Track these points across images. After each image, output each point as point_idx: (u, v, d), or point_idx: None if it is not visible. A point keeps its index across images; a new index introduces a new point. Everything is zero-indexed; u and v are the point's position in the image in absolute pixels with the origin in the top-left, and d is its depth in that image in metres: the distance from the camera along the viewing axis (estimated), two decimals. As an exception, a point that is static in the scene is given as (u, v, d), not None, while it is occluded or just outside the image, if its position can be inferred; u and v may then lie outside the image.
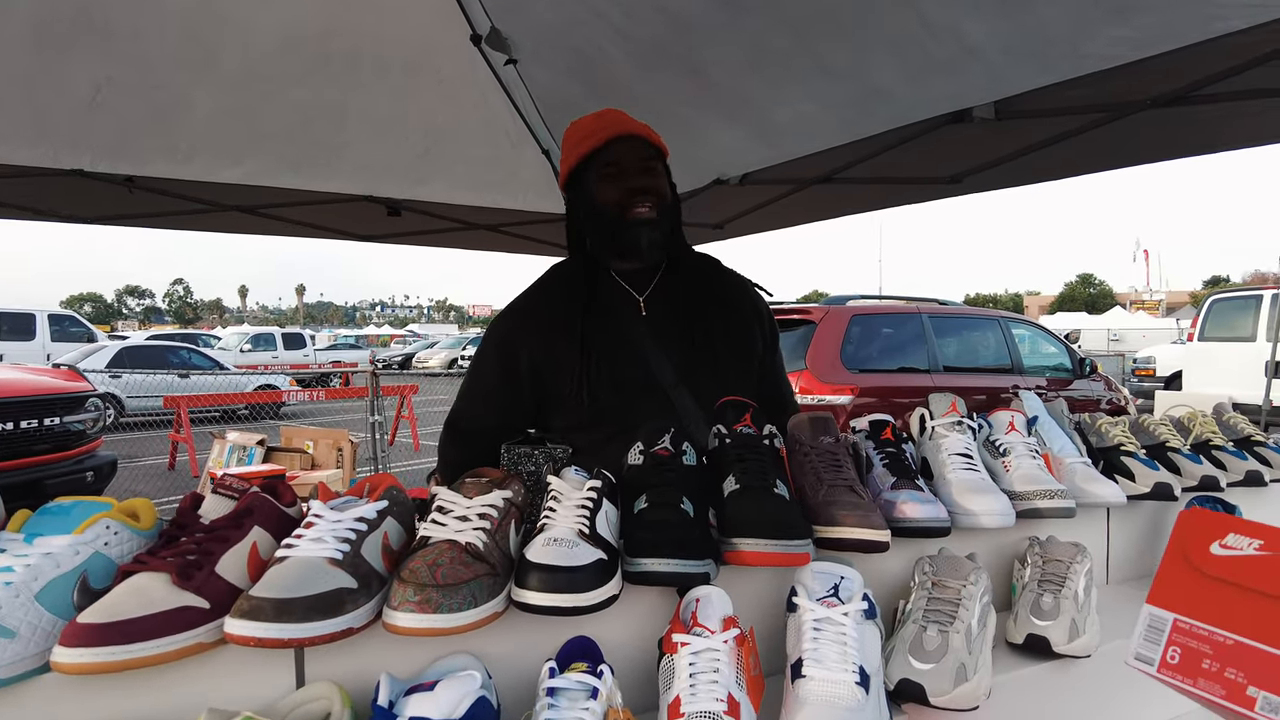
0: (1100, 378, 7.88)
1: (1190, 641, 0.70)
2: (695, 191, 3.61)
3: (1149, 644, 0.74)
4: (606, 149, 1.59)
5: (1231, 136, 2.49)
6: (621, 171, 1.58)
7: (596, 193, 1.60)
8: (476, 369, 1.70)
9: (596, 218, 1.61)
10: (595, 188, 1.60)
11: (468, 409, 1.69)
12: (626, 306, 1.62)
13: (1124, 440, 1.63)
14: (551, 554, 0.91)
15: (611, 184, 1.58)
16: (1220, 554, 0.70)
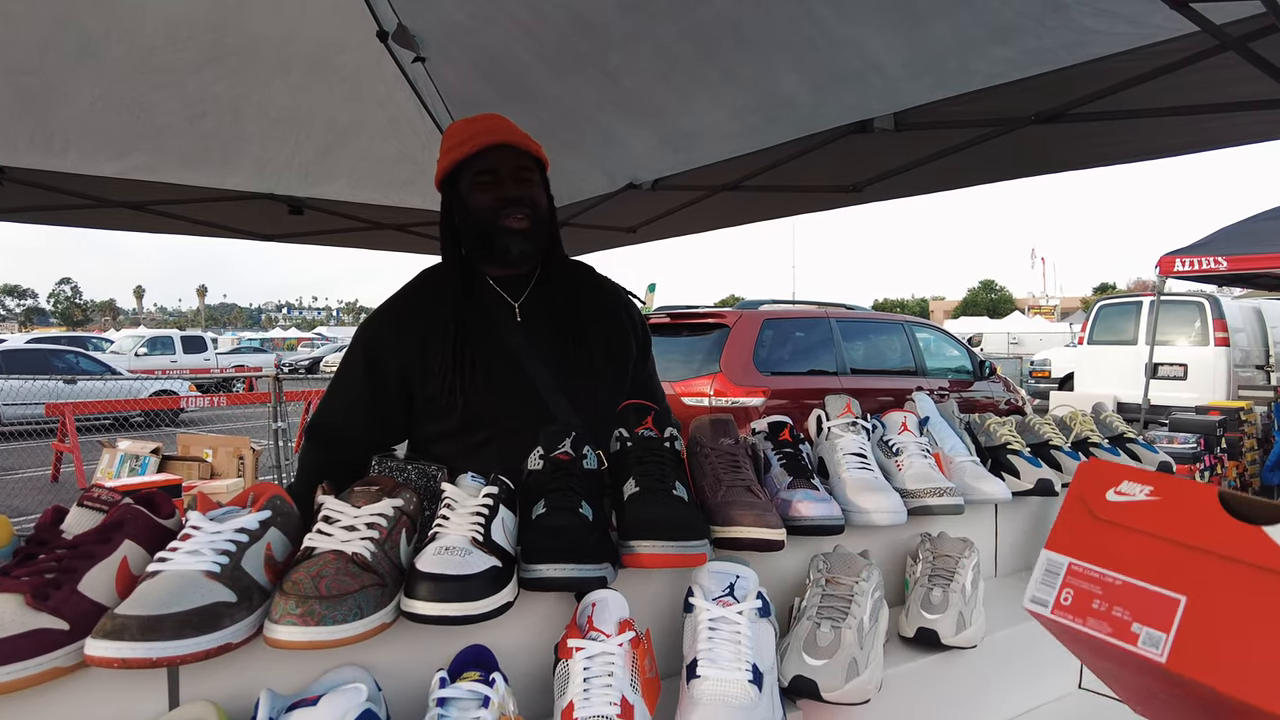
0: (999, 379, 8.27)
1: (1082, 584, 0.74)
2: (609, 195, 3.62)
3: (1045, 587, 0.77)
4: (482, 155, 1.57)
5: (1103, 153, 2.65)
6: (496, 180, 1.56)
7: (470, 199, 1.58)
8: (343, 373, 1.64)
9: (470, 223, 1.59)
10: (469, 194, 1.58)
11: (331, 415, 1.63)
12: (501, 311, 1.61)
13: (1010, 439, 1.72)
14: (442, 563, 0.89)
15: (485, 192, 1.56)
16: (1115, 500, 0.74)
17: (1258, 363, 10.54)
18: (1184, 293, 10.22)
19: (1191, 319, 10.19)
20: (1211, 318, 10.00)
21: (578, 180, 3.52)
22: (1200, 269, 7.25)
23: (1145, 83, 2.12)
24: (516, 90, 3.01)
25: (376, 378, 1.58)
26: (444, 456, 1.51)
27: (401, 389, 1.57)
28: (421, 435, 1.62)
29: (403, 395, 1.58)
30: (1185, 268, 7.28)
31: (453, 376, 1.52)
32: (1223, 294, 10.30)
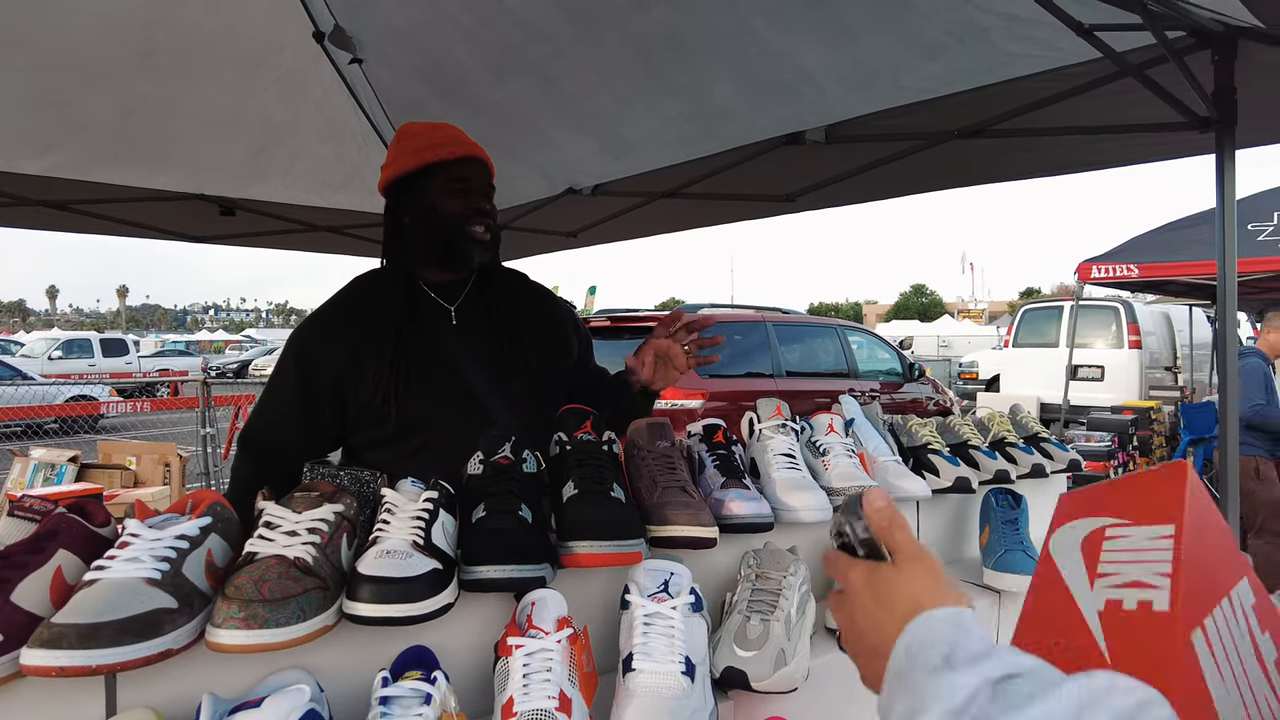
0: (928, 381, 8.56)
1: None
2: (549, 199, 3.64)
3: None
4: (459, 164, 1.62)
5: (1019, 168, 2.80)
6: (469, 190, 1.62)
7: (439, 203, 1.60)
8: (275, 382, 1.64)
9: (431, 227, 1.61)
10: (438, 198, 1.61)
11: (263, 424, 1.63)
12: (436, 316, 1.64)
13: (931, 440, 1.81)
14: (384, 566, 0.92)
15: (459, 199, 1.60)
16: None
17: (1166, 364, 11.14)
18: (1101, 298, 10.73)
19: (1108, 323, 10.71)
20: (1126, 322, 10.53)
21: (517, 184, 3.54)
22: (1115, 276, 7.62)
23: (1057, 103, 2.26)
24: (456, 94, 3.01)
25: (309, 385, 1.58)
26: (379, 463, 1.52)
27: (335, 396, 1.58)
28: (356, 442, 1.63)
29: (336, 403, 1.58)
30: (1101, 274, 7.64)
31: (387, 383, 1.53)
32: (1135, 300, 10.84)
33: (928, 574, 0.63)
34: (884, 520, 0.67)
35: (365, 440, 1.60)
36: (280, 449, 1.58)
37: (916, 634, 0.57)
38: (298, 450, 1.54)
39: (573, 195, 3.56)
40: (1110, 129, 2.33)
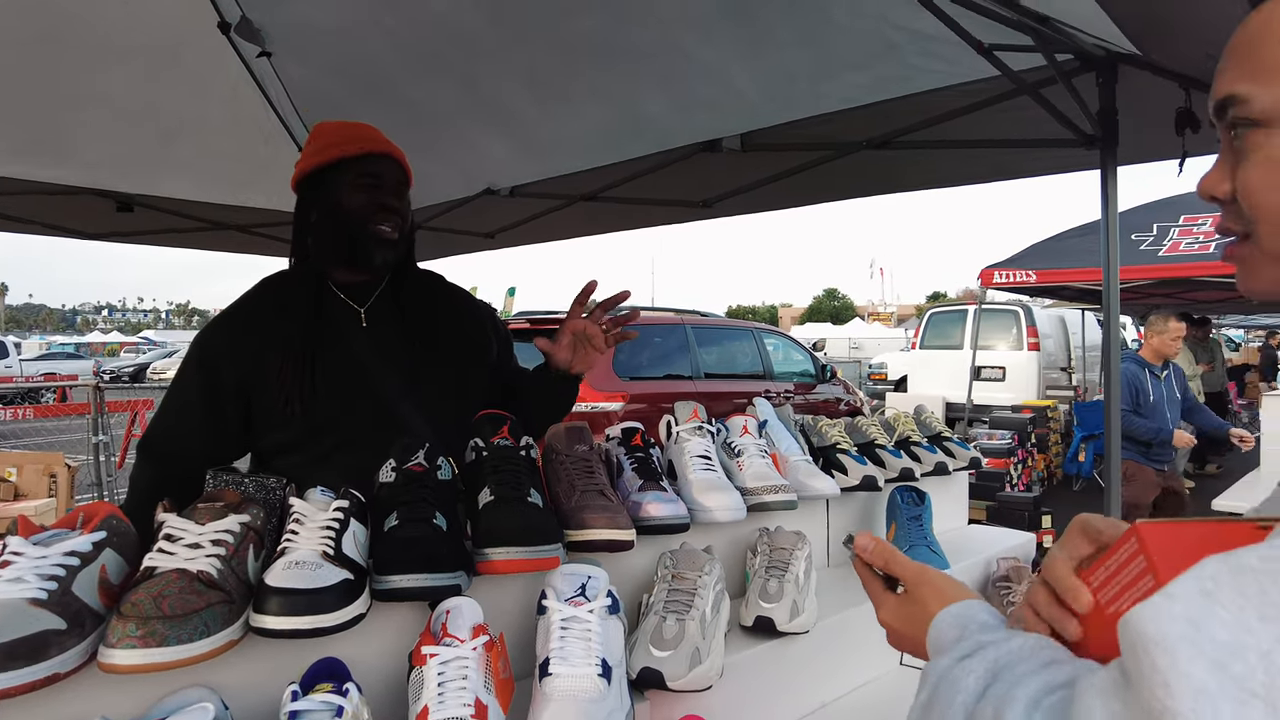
0: (839, 382, 8.82)
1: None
2: (465, 200, 3.60)
3: None
4: (368, 160, 1.59)
5: (924, 178, 2.93)
6: (378, 186, 1.58)
7: (345, 199, 1.57)
8: (177, 386, 1.58)
9: (336, 224, 1.58)
10: (345, 194, 1.57)
11: (164, 430, 1.57)
12: (346, 318, 1.60)
13: (840, 440, 1.87)
14: (292, 577, 0.89)
15: (365, 194, 1.57)
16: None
17: (1062, 365, 11.78)
18: (1002, 302, 11.27)
19: (1009, 326, 11.25)
20: (1025, 325, 11.08)
21: (433, 183, 3.48)
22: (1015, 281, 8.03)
23: (959, 117, 2.37)
24: (371, 91, 2.95)
25: (212, 389, 1.53)
26: (287, 469, 1.48)
27: (239, 400, 1.53)
28: (263, 448, 1.58)
29: (240, 407, 1.53)
30: (1002, 280, 8.03)
31: (293, 384, 1.49)
32: (1034, 304, 11.43)
33: (933, 589, 0.71)
34: (879, 559, 0.75)
35: (272, 445, 1.56)
36: (182, 455, 1.51)
37: (933, 634, 0.67)
38: (201, 456, 1.47)
39: (491, 196, 3.53)
40: (1008, 143, 2.47)
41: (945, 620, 0.67)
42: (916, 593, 0.72)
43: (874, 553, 0.76)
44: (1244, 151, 0.61)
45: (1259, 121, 0.59)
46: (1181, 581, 0.45)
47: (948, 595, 0.70)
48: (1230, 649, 0.41)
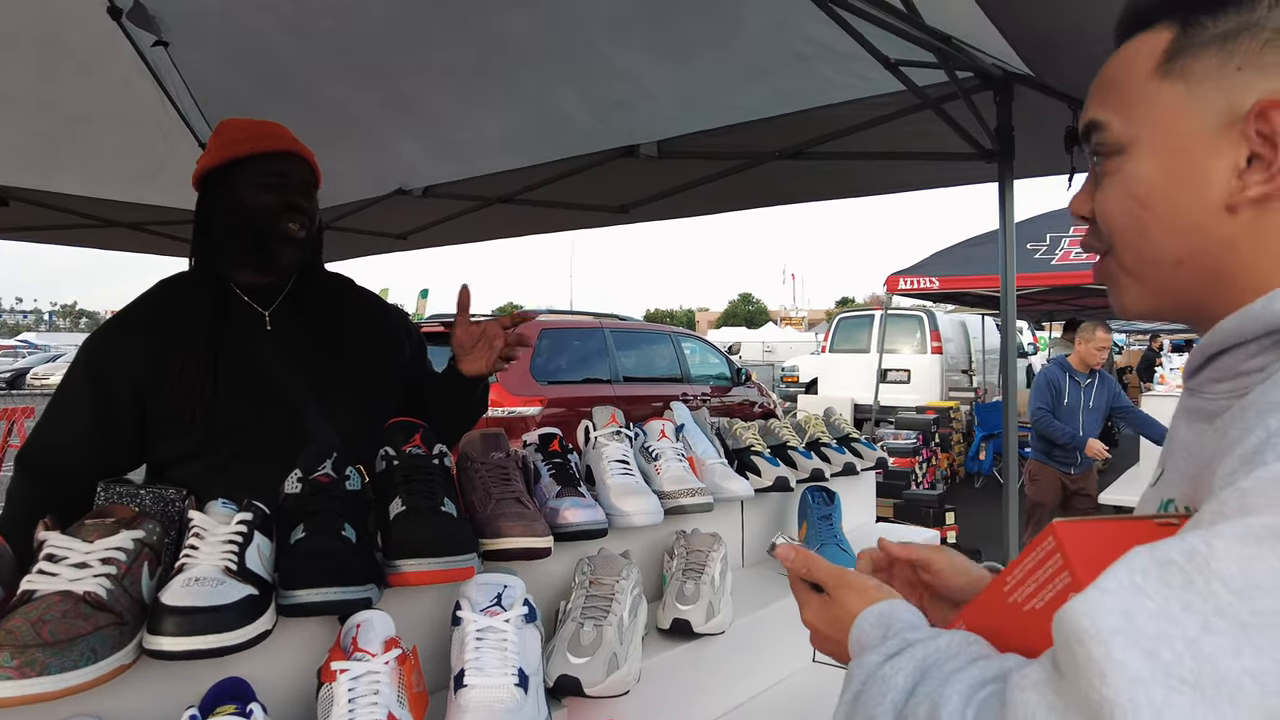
0: (754, 384, 8.99)
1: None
2: (376, 199, 3.51)
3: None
4: (274, 158, 1.53)
5: (835, 188, 3.02)
6: (283, 185, 1.53)
7: (250, 197, 1.51)
8: (64, 394, 1.49)
9: (240, 223, 1.52)
10: (250, 192, 1.51)
11: (49, 441, 1.47)
12: (249, 321, 1.55)
13: (754, 442, 1.91)
14: (191, 595, 0.85)
15: (271, 193, 1.52)
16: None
17: (963, 368, 12.34)
18: (907, 308, 11.72)
19: (913, 330, 11.71)
20: (929, 329, 11.56)
21: (342, 182, 3.37)
22: (919, 288, 8.37)
23: (867, 129, 2.46)
24: (277, 85, 2.84)
25: (104, 395, 1.44)
26: (186, 478, 1.41)
27: (133, 406, 1.45)
28: (160, 457, 1.50)
29: (135, 414, 1.45)
30: (907, 286, 8.36)
31: (193, 387, 1.43)
32: (937, 309, 11.94)
33: (854, 590, 0.72)
34: (800, 568, 0.77)
35: (169, 455, 1.48)
36: (69, 468, 1.42)
37: (855, 634, 0.67)
38: (91, 469, 1.39)
39: (403, 196, 3.45)
40: (913, 156, 2.57)
41: (868, 619, 0.68)
42: (837, 594, 0.73)
43: (796, 562, 0.78)
44: (1102, 175, 0.66)
45: (1115, 147, 0.64)
46: (1112, 574, 0.47)
47: (870, 594, 0.71)
48: (1159, 638, 0.43)
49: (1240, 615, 0.43)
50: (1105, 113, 0.65)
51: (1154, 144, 0.63)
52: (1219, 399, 0.64)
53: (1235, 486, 0.48)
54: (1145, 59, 0.64)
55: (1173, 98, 0.62)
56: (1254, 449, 0.51)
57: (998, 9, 1.78)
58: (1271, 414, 0.52)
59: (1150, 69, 0.63)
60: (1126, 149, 0.64)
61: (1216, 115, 0.60)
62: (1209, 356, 0.65)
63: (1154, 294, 0.67)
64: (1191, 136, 0.61)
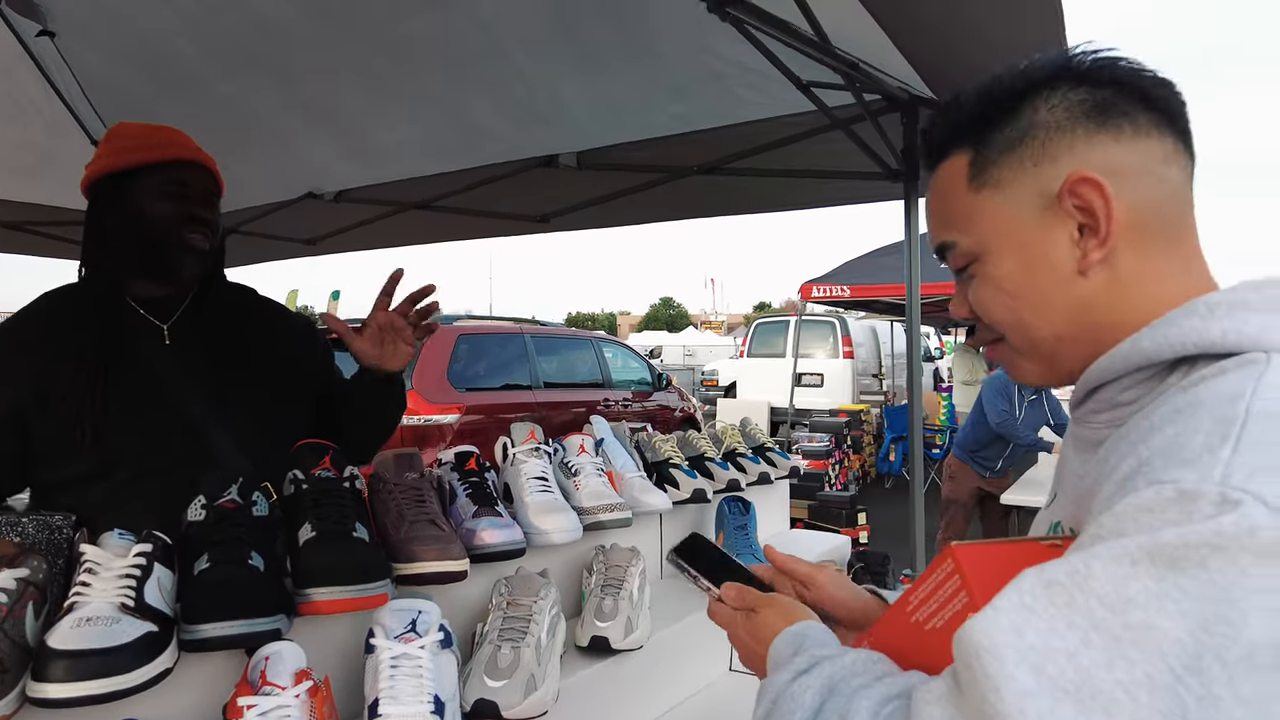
0: (675, 390, 9.08)
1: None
2: (285, 203, 3.40)
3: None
4: (174, 167, 1.47)
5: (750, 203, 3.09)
6: (185, 195, 1.47)
7: (149, 208, 1.44)
8: None
9: (139, 234, 1.45)
10: (148, 202, 1.44)
11: None
12: (147, 335, 1.48)
13: (672, 454, 1.93)
14: (82, 636, 0.80)
15: (172, 203, 1.45)
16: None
17: (874, 372, 12.76)
18: (820, 314, 12.05)
19: (826, 336, 12.04)
20: (841, 335, 11.91)
21: (248, 185, 3.26)
22: (831, 295, 8.63)
23: (782, 147, 2.52)
24: (176, 83, 2.72)
25: None
26: (77, 504, 1.33)
27: (16, 426, 1.36)
28: (46, 481, 1.41)
29: (18, 434, 1.36)
30: (820, 294, 8.62)
31: (81, 407, 1.35)
32: (849, 315, 12.31)
33: (778, 609, 0.78)
34: (738, 602, 0.83)
35: (57, 477, 1.39)
36: None
37: (772, 652, 0.73)
38: None
39: (314, 200, 3.35)
40: (824, 174, 2.65)
41: (783, 639, 0.72)
42: (764, 614, 0.78)
43: (736, 599, 0.83)
44: (969, 279, 0.74)
45: (971, 258, 0.72)
46: (1006, 595, 0.51)
47: (791, 615, 0.76)
48: (1045, 653, 0.47)
49: (1114, 629, 0.47)
50: (949, 235, 0.73)
51: (999, 245, 0.70)
52: (1101, 428, 0.69)
53: (1110, 511, 0.52)
54: (956, 181, 0.72)
55: (993, 204, 0.70)
56: (1126, 475, 0.55)
57: (903, 37, 1.86)
58: (1142, 443, 0.56)
59: (964, 188, 0.71)
60: (981, 257, 0.71)
61: (1034, 204, 0.68)
62: (1089, 390, 0.70)
63: (1048, 367, 0.73)
64: (1025, 229, 0.69)
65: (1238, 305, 0.61)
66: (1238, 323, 0.60)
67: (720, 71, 2.25)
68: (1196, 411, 0.55)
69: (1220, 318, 0.61)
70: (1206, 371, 0.59)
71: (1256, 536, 0.46)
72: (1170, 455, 0.53)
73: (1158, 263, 0.67)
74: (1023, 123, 0.68)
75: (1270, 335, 0.59)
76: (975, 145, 0.71)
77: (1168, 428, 0.56)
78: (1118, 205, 0.65)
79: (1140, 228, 0.66)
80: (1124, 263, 0.67)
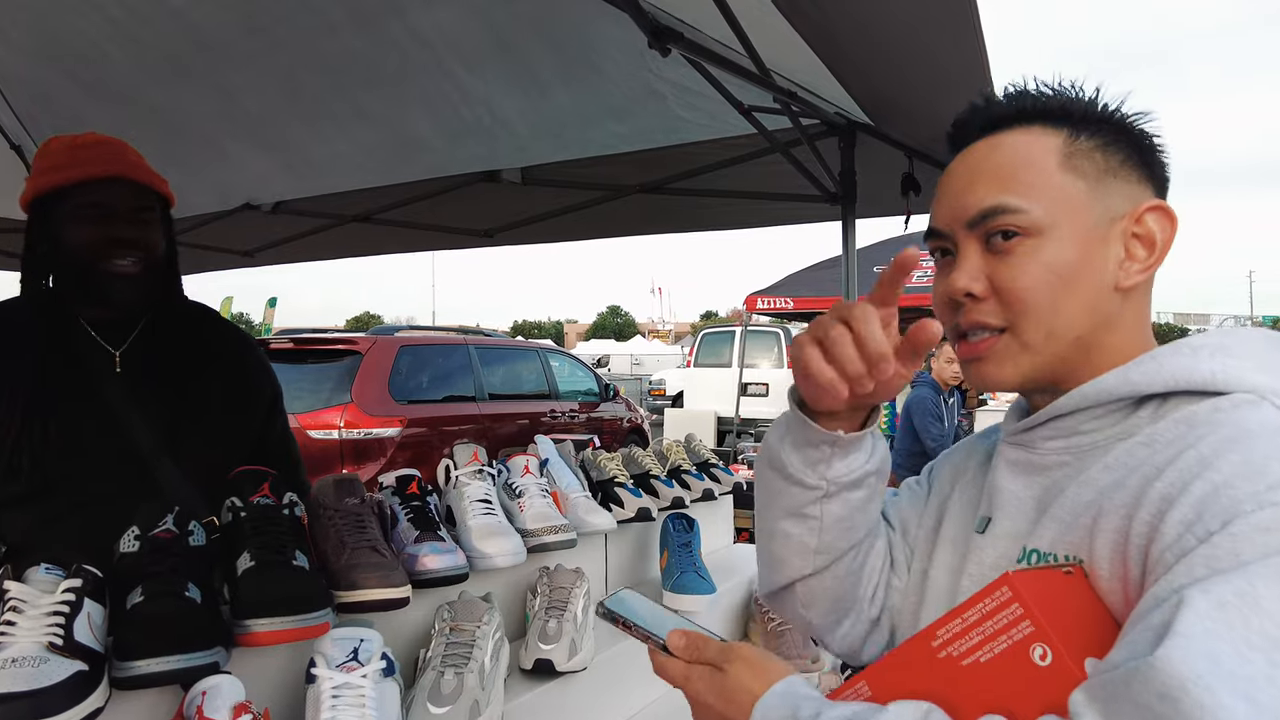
0: (622, 400, 9.10)
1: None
2: (222, 214, 3.32)
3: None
4: (90, 187, 1.37)
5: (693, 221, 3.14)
6: (105, 216, 1.38)
7: (65, 232, 1.38)
8: None
9: (63, 260, 1.40)
10: (65, 226, 1.38)
11: None
12: (96, 360, 1.43)
13: (617, 473, 1.95)
14: (8, 679, 0.78)
15: (89, 227, 1.37)
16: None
17: (817, 382, 12.96)
18: (765, 324, 12.23)
19: (771, 346, 12.23)
20: (785, 345, 12.11)
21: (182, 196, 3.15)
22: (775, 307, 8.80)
23: (724, 169, 2.57)
24: (105, 90, 2.63)
25: None
26: (10, 529, 1.29)
27: None
28: None
29: None
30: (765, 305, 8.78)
31: (19, 434, 1.31)
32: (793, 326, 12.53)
33: (748, 665, 0.69)
34: (692, 654, 0.72)
35: None
36: None
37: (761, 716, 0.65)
38: None
39: (251, 211, 3.28)
40: (764, 195, 2.71)
41: (772, 701, 0.65)
42: (730, 669, 0.70)
43: (687, 650, 0.72)
44: (1010, 253, 0.71)
45: (1033, 230, 0.70)
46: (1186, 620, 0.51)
47: (767, 672, 0.69)
48: (1248, 680, 0.48)
49: None
50: (1019, 199, 0.70)
51: (1072, 230, 0.70)
52: (1052, 455, 0.73)
53: (1226, 533, 0.55)
54: (1047, 155, 0.72)
55: (1078, 193, 0.71)
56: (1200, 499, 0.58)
57: (840, 67, 1.92)
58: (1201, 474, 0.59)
59: (1055, 164, 0.71)
60: (1044, 233, 0.70)
61: (1105, 212, 0.71)
62: (1053, 416, 0.73)
63: (1037, 366, 0.73)
64: (1095, 228, 0.71)
65: (1219, 350, 0.67)
66: (1223, 365, 0.66)
67: (660, 91, 2.29)
68: (1254, 439, 0.59)
69: (1205, 359, 0.67)
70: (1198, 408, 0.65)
71: None
72: (1254, 479, 0.56)
73: (1147, 311, 0.75)
74: (1107, 136, 0.72)
75: (1252, 377, 0.65)
76: (1074, 131, 0.72)
77: (1230, 454, 0.59)
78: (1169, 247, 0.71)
79: (1152, 278, 0.73)
80: (1138, 297, 0.73)
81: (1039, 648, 0.57)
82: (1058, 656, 0.57)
